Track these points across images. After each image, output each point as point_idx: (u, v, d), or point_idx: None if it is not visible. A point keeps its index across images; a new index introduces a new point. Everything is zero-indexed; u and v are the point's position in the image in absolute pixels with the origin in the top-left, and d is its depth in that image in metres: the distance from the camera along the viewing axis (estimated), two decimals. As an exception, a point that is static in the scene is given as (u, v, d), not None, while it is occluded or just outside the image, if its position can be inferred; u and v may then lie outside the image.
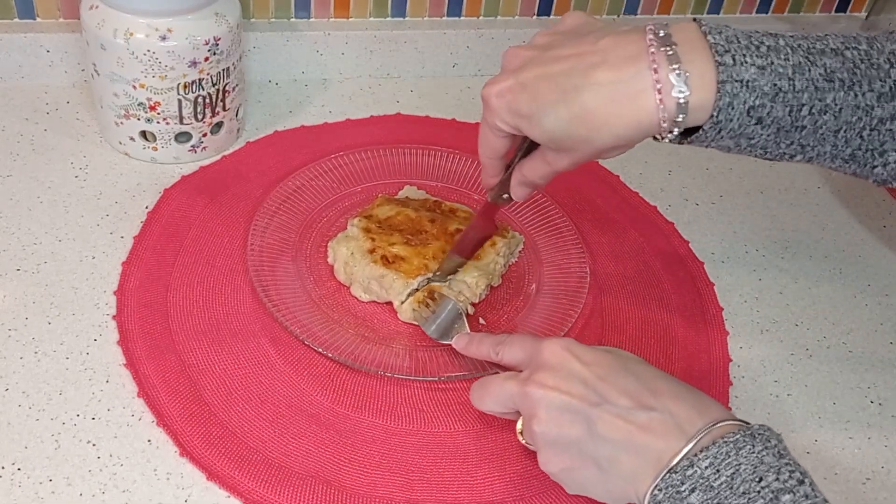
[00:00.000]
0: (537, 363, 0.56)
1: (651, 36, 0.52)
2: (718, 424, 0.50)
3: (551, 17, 1.02)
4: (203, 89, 0.79)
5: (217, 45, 0.78)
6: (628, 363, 0.55)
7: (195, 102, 0.80)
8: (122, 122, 0.81)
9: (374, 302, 0.74)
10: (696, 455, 0.49)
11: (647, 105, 0.51)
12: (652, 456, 0.50)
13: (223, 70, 0.80)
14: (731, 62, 0.50)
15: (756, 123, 0.52)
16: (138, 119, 0.80)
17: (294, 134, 0.90)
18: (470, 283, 0.73)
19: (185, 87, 0.78)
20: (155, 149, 0.82)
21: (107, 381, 0.65)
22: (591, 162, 0.92)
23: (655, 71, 0.51)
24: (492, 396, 0.58)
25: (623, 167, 0.91)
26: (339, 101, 0.95)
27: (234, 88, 0.83)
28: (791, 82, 0.51)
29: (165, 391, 0.64)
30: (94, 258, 0.74)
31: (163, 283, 0.72)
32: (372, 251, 0.73)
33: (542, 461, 0.55)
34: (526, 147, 0.62)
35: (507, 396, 0.57)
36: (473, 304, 0.74)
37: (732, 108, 0.51)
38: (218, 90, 0.81)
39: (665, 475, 0.49)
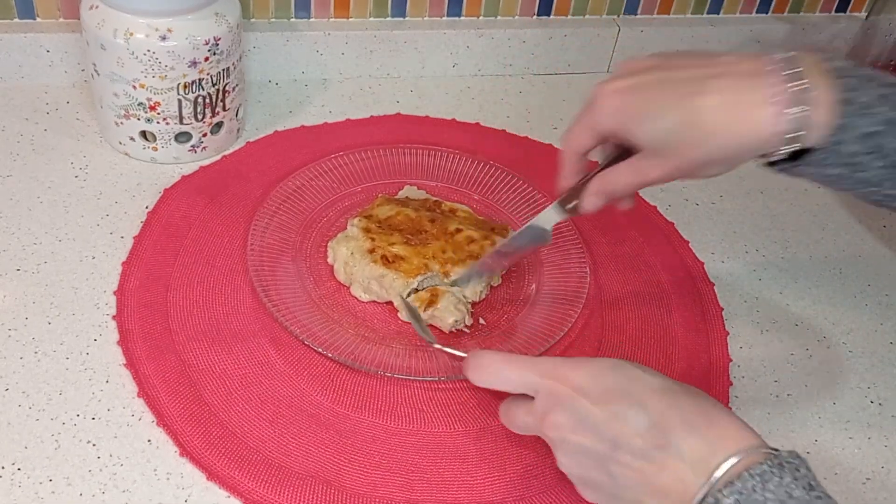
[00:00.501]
0: (549, 401, 0.54)
1: (773, 56, 0.53)
2: (740, 455, 0.47)
3: (551, 16, 1.02)
4: (203, 89, 0.79)
5: (217, 45, 0.78)
6: (636, 389, 0.52)
7: (195, 102, 0.80)
8: (122, 122, 0.81)
9: (374, 302, 0.74)
10: (720, 491, 0.47)
11: (764, 118, 0.52)
12: (675, 497, 0.49)
13: (223, 70, 0.80)
14: (852, 87, 0.51)
15: (870, 152, 0.52)
16: (138, 119, 0.80)
17: (294, 134, 0.90)
18: (470, 283, 0.73)
19: (185, 87, 0.78)
20: (155, 149, 0.82)
21: (107, 381, 0.65)
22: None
23: (775, 86, 0.51)
24: (517, 428, 0.57)
25: (623, 167, 0.91)
26: (339, 101, 0.95)
27: (234, 88, 0.83)
28: None
29: (165, 391, 0.64)
30: (94, 258, 0.74)
31: (163, 283, 0.72)
32: (372, 251, 0.73)
33: (579, 491, 0.54)
34: (612, 159, 0.61)
35: (530, 430, 0.56)
36: (473, 304, 0.74)
37: (849, 131, 0.51)
38: (218, 90, 0.81)
39: None
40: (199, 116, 0.81)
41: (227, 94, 0.82)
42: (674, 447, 0.49)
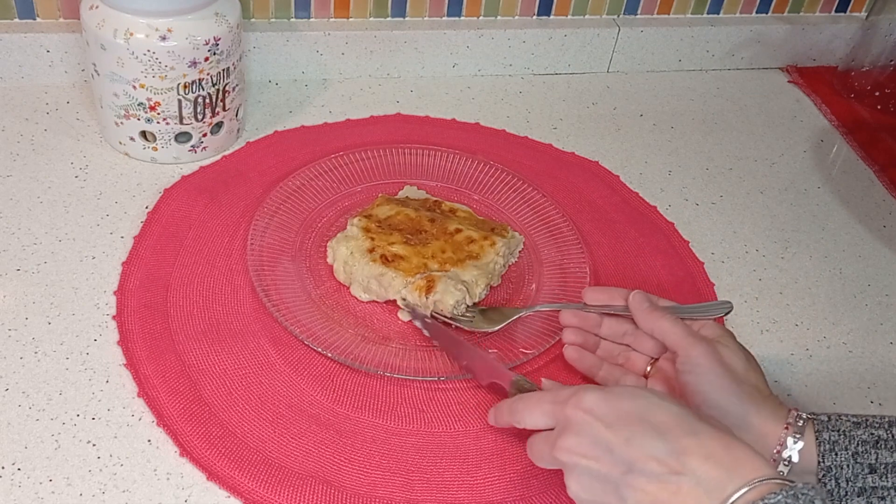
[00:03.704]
0: (562, 425, 0.54)
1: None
2: (755, 484, 0.47)
3: (551, 16, 1.02)
4: (203, 89, 0.79)
5: (217, 45, 0.78)
6: (654, 415, 0.52)
7: (195, 102, 0.80)
8: (122, 122, 0.81)
9: (374, 302, 0.74)
10: None
11: None
12: None
13: (223, 70, 0.80)
14: None
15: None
16: (138, 119, 0.80)
17: (294, 134, 0.90)
18: (470, 283, 0.73)
19: (185, 87, 0.78)
20: (155, 149, 0.82)
21: (107, 381, 0.65)
22: (591, 162, 0.92)
23: None
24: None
25: (623, 167, 0.91)
26: (339, 101, 0.95)
27: (234, 88, 0.83)
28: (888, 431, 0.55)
29: (165, 391, 0.64)
30: (94, 258, 0.74)
31: (163, 283, 0.72)
32: (371, 250, 0.73)
33: None
34: None
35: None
36: (473, 305, 0.74)
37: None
38: (218, 90, 0.81)
39: None
40: (199, 116, 0.81)
41: (227, 94, 0.82)
42: (690, 472, 0.49)
